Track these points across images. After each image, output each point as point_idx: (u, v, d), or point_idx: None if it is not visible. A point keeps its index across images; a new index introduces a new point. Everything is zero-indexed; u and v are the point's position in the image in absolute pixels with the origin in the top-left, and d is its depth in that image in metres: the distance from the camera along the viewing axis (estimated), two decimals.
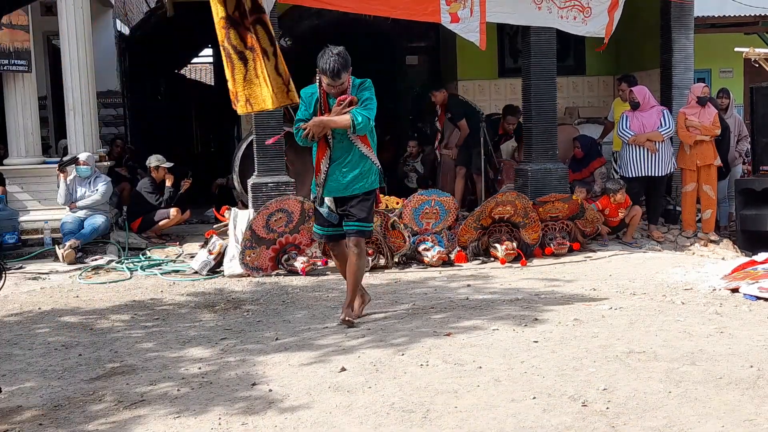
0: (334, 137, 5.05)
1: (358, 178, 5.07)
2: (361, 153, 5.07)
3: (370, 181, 5.13)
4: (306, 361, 4.37)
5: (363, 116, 4.87)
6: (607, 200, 8.37)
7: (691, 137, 8.62)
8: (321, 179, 5.13)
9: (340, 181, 5.08)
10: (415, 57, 13.31)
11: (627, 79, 9.57)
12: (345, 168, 5.07)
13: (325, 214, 5.20)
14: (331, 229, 5.27)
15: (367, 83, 5.07)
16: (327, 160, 5.09)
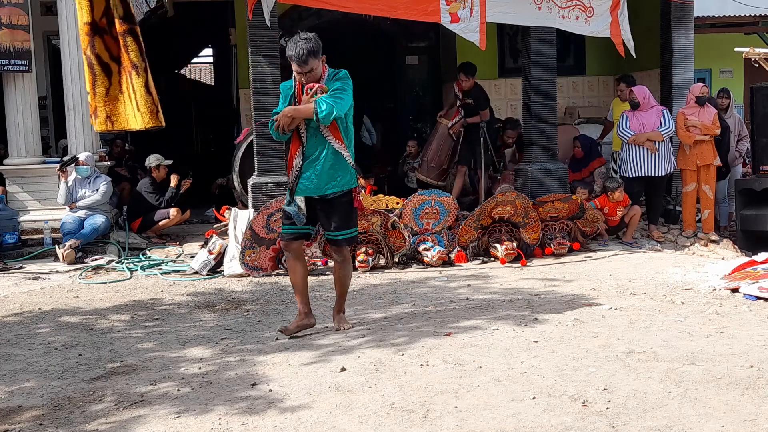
0: (307, 131, 4.75)
1: (332, 177, 4.75)
2: (334, 149, 4.74)
3: (345, 181, 4.80)
4: (306, 361, 4.37)
5: (327, 104, 4.55)
6: (606, 199, 8.38)
7: (690, 137, 8.62)
8: (293, 177, 4.81)
9: (313, 180, 4.76)
10: (415, 57, 13.30)
11: (626, 79, 9.58)
12: (318, 166, 4.74)
13: (293, 214, 4.85)
14: (293, 229, 4.92)
15: (341, 73, 4.77)
16: (300, 157, 4.78)
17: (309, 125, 4.71)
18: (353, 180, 4.85)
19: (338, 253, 4.97)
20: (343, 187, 4.79)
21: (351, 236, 4.95)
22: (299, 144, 4.77)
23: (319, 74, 4.69)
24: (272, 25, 7.77)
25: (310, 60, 4.60)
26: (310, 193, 4.79)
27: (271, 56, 7.98)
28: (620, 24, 8.35)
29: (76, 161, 8.34)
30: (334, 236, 4.87)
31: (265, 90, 7.98)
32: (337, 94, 4.62)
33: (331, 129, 4.71)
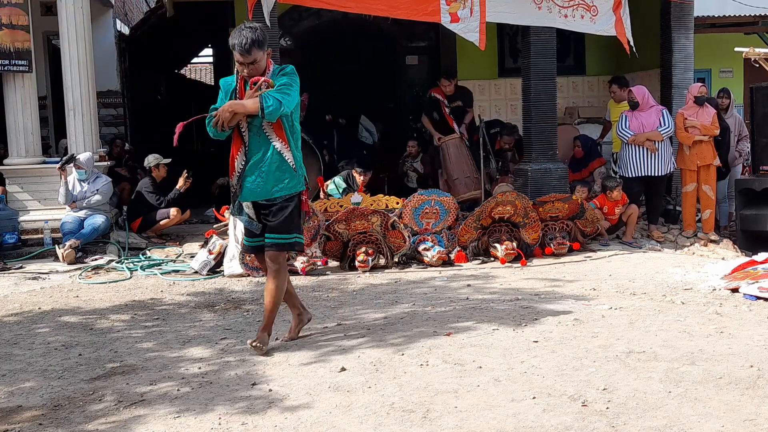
0: (250, 130, 4.43)
1: (278, 179, 4.43)
2: (277, 149, 4.43)
3: (293, 184, 4.47)
4: (306, 361, 4.38)
5: (274, 99, 4.25)
6: (605, 198, 8.39)
7: (689, 138, 8.62)
8: (236, 180, 4.47)
9: (259, 183, 4.43)
10: (415, 57, 13.30)
11: (617, 80, 9.61)
12: (264, 167, 4.42)
13: (245, 223, 4.56)
14: (256, 240, 4.57)
15: (288, 69, 4.48)
16: (242, 157, 4.45)
17: (252, 123, 4.40)
18: (301, 183, 4.52)
19: (272, 260, 4.50)
20: (291, 190, 4.47)
21: (289, 242, 4.50)
22: (241, 143, 4.46)
23: (263, 68, 4.42)
24: (272, 25, 7.77)
25: (254, 50, 4.32)
26: (256, 197, 4.46)
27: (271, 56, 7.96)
28: (624, 23, 8.36)
29: (74, 159, 8.34)
30: (270, 239, 4.46)
31: None
32: (284, 89, 4.33)
33: (275, 127, 4.42)
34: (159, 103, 16.57)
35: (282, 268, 4.55)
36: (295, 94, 4.40)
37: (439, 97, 9.38)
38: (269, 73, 4.43)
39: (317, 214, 7.34)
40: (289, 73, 4.44)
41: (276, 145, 4.42)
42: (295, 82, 4.41)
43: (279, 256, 4.51)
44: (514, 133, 9.91)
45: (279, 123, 4.40)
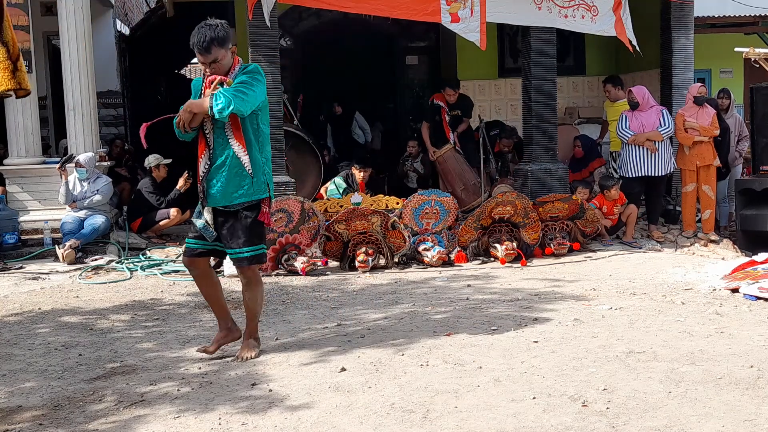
0: (214, 131, 4.24)
1: (238, 185, 4.23)
2: (235, 153, 4.21)
3: (251, 191, 4.24)
4: (306, 361, 4.38)
5: (225, 98, 4.03)
6: (603, 198, 8.40)
7: (689, 139, 8.62)
8: (200, 185, 4.28)
9: (219, 189, 4.24)
10: (415, 57, 13.32)
11: (611, 80, 9.61)
12: (224, 171, 4.22)
13: (200, 228, 4.33)
14: (199, 244, 4.38)
15: (250, 67, 4.26)
16: (206, 160, 4.25)
17: (216, 124, 4.21)
18: (262, 189, 4.29)
19: (242, 273, 4.37)
20: (251, 196, 4.25)
21: (256, 254, 4.31)
22: (205, 145, 4.27)
23: (227, 66, 4.22)
24: (272, 25, 7.78)
25: (214, 49, 4.13)
26: (216, 202, 4.27)
27: (271, 56, 7.99)
28: (624, 23, 8.36)
29: (73, 159, 8.34)
30: (237, 254, 4.28)
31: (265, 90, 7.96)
32: (240, 87, 4.10)
33: (234, 129, 4.19)
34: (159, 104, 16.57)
35: (254, 280, 4.39)
36: (255, 95, 4.15)
37: (441, 104, 9.41)
38: (234, 71, 4.23)
39: (317, 215, 7.34)
40: (251, 71, 4.22)
41: (234, 147, 4.21)
42: (256, 81, 4.18)
43: (248, 270, 4.34)
44: (513, 136, 9.94)
45: (239, 124, 4.19)
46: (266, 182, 4.31)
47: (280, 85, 8.29)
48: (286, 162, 8.24)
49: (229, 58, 4.23)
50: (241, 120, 4.17)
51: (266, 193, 4.30)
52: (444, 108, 9.42)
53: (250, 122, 4.23)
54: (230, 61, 4.24)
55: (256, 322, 4.52)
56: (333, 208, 8.06)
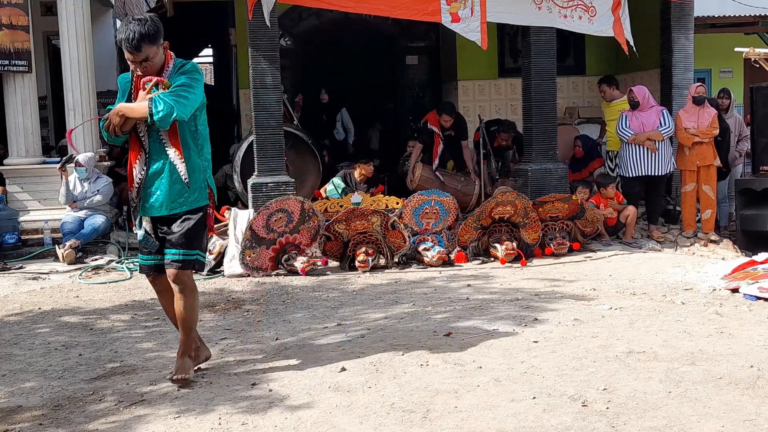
0: (149, 135, 3.93)
1: (179, 193, 3.96)
2: (171, 159, 3.93)
3: (192, 198, 3.99)
4: (306, 361, 4.38)
5: (165, 104, 3.74)
6: (600, 197, 8.40)
7: (689, 139, 8.61)
8: (134, 192, 4.02)
9: (158, 197, 3.97)
10: (415, 57, 13.32)
11: (607, 80, 9.61)
12: (164, 179, 3.94)
13: (140, 239, 4.10)
14: (151, 258, 4.10)
15: (189, 66, 3.98)
16: (141, 166, 3.95)
17: (152, 128, 3.89)
18: (203, 196, 4.04)
19: (175, 279, 4.00)
20: (192, 204, 4.00)
21: (190, 258, 4.00)
22: (139, 150, 3.96)
23: (160, 65, 3.92)
24: (272, 25, 7.77)
25: (145, 46, 3.81)
26: (155, 211, 3.99)
27: (271, 56, 7.99)
28: (622, 23, 8.36)
29: (72, 159, 8.34)
30: (171, 255, 3.97)
31: (265, 90, 7.98)
32: (179, 91, 3.82)
33: (170, 134, 3.91)
34: None
35: (188, 287, 4.05)
36: (195, 97, 3.88)
37: (435, 129, 9.40)
38: (168, 70, 3.94)
39: (317, 214, 7.34)
40: (190, 71, 3.94)
41: (170, 154, 3.93)
42: (195, 82, 3.91)
43: (182, 275, 4.00)
44: (512, 129, 9.89)
45: (175, 129, 3.90)
46: (208, 187, 4.06)
47: (280, 85, 8.29)
48: (286, 162, 8.23)
49: (162, 56, 3.93)
50: (178, 123, 3.89)
51: (207, 199, 4.06)
52: (437, 134, 9.39)
53: (187, 125, 3.97)
54: (162, 58, 3.94)
55: (192, 336, 4.13)
56: (333, 208, 8.06)
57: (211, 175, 4.11)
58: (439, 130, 9.36)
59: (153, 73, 3.89)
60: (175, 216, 3.99)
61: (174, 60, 3.97)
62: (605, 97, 9.61)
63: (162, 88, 3.84)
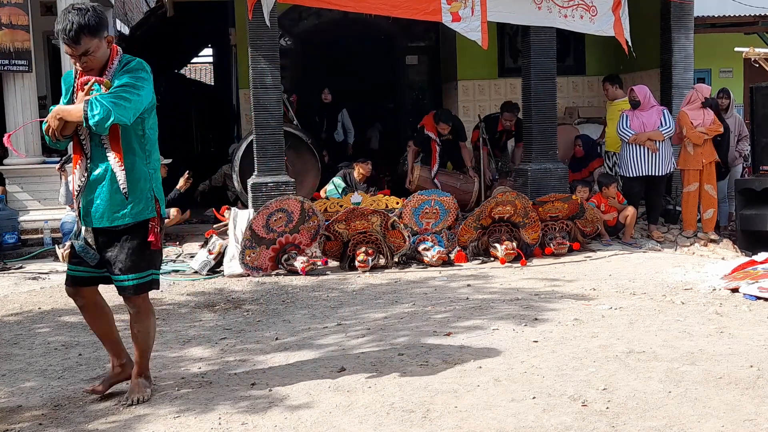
0: (91, 140, 3.60)
1: (122, 203, 3.61)
2: (111, 166, 3.59)
3: (136, 210, 3.63)
4: (306, 361, 4.38)
5: (103, 107, 3.40)
6: (601, 196, 8.40)
7: (700, 137, 8.58)
8: (77, 200, 3.69)
9: (99, 206, 3.62)
10: (415, 57, 13.32)
11: (610, 79, 9.61)
12: (105, 186, 3.60)
13: (79, 250, 3.72)
14: (81, 270, 3.75)
15: (134, 64, 3.61)
16: (82, 172, 3.63)
17: (93, 132, 3.55)
18: (149, 208, 3.68)
19: (129, 303, 3.76)
20: (136, 217, 3.64)
21: (142, 281, 3.70)
22: (81, 154, 3.65)
23: (102, 60, 3.58)
24: (272, 25, 7.77)
25: (85, 38, 3.48)
26: (96, 222, 3.65)
27: (271, 56, 7.99)
28: (622, 23, 8.37)
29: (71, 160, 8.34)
30: (121, 282, 3.68)
31: (265, 90, 7.98)
32: (121, 92, 3.48)
33: (111, 139, 3.57)
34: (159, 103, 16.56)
35: (143, 310, 3.80)
36: (140, 99, 3.54)
37: (431, 135, 9.39)
38: (112, 67, 3.59)
39: (317, 214, 7.34)
40: (134, 69, 3.59)
41: (111, 160, 3.59)
42: (141, 82, 3.57)
43: (136, 300, 3.74)
44: (515, 110, 9.82)
45: (117, 133, 3.56)
46: (154, 198, 3.71)
47: (280, 85, 8.29)
48: (286, 162, 8.23)
49: (105, 50, 3.57)
50: (123, 127, 3.56)
51: (154, 211, 3.69)
52: (434, 140, 9.39)
53: (134, 130, 3.62)
54: (106, 53, 3.58)
55: (148, 358, 3.92)
56: (333, 208, 8.06)
57: (159, 185, 3.75)
58: (436, 137, 9.36)
59: (95, 69, 3.56)
60: (117, 229, 3.64)
61: (120, 56, 3.63)
62: (608, 95, 9.61)
63: (103, 89, 3.50)
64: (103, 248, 3.69)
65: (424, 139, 9.49)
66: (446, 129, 9.29)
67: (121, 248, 3.65)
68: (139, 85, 3.54)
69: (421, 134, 9.55)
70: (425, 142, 9.48)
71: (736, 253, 8.20)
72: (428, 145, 9.45)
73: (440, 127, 9.30)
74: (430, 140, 9.41)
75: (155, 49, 15.37)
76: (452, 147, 9.50)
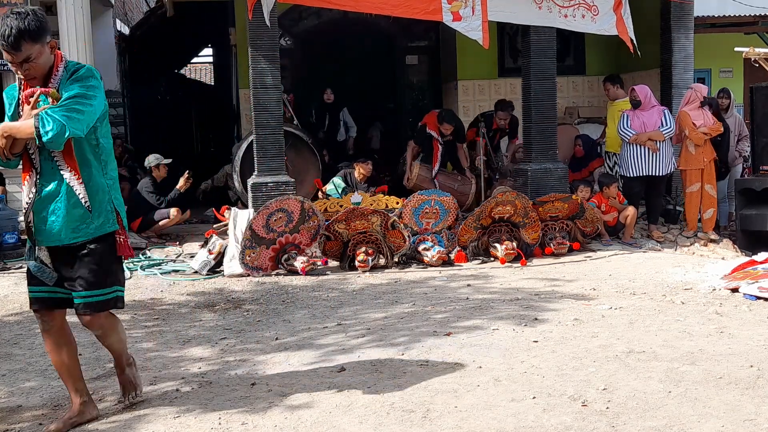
0: (41, 154, 3.35)
1: (81, 219, 3.36)
2: (67, 181, 3.34)
3: (95, 225, 3.40)
4: (306, 361, 4.38)
5: (56, 122, 3.17)
6: (602, 196, 8.40)
7: (702, 137, 8.58)
8: (25, 216, 3.42)
9: (55, 224, 3.37)
10: (415, 57, 13.32)
11: (611, 79, 9.60)
12: (60, 203, 3.35)
13: (33, 269, 3.45)
14: (44, 290, 3.46)
15: (83, 71, 3.35)
16: (30, 188, 3.38)
17: (43, 147, 3.30)
18: (111, 221, 3.45)
19: (91, 325, 3.50)
20: (97, 231, 3.41)
21: (106, 299, 3.45)
22: (30, 169, 3.39)
23: (46, 67, 3.33)
24: (272, 25, 7.77)
25: (25, 44, 3.22)
26: (51, 240, 3.39)
27: (271, 56, 7.99)
28: (625, 22, 8.36)
29: None
30: (83, 298, 3.40)
31: (265, 90, 7.98)
32: (72, 104, 3.23)
33: (65, 153, 3.32)
34: (159, 103, 16.58)
35: (108, 326, 3.57)
36: (92, 109, 3.30)
37: (433, 134, 9.39)
38: (58, 75, 3.34)
39: (317, 214, 7.34)
40: (84, 77, 3.34)
41: (66, 175, 3.35)
42: (93, 90, 3.32)
43: (97, 319, 3.47)
44: (509, 108, 9.81)
45: (70, 146, 3.32)
46: (114, 210, 3.48)
47: (280, 85, 8.29)
48: (286, 162, 8.23)
49: (48, 56, 3.32)
50: (75, 139, 3.31)
51: (116, 224, 3.47)
52: (436, 139, 9.39)
53: (87, 140, 3.39)
54: (50, 59, 3.34)
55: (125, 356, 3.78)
56: (333, 208, 8.07)
57: (118, 195, 3.54)
58: (438, 136, 9.36)
59: (38, 77, 3.32)
60: (76, 246, 3.39)
61: (65, 63, 3.38)
62: (609, 95, 9.61)
63: (51, 100, 3.25)
64: (61, 267, 3.43)
65: (426, 138, 9.48)
66: (449, 129, 9.29)
67: (82, 265, 3.39)
68: (90, 94, 3.30)
69: (423, 133, 9.54)
70: (427, 140, 9.48)
71: (736, 253, 8.21)
72: (430, 144, 9.45)
73: (444, 127, 9.30)
74: (432, 139, 9.41)
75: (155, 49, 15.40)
76: (452, 147, 9.51)
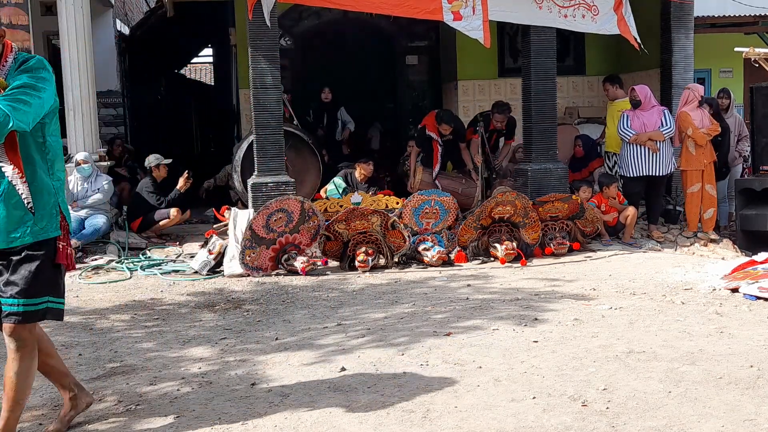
0: None
1: (19, 221, 3.12)
2: (9, 179, 3.10)
3: (38, 228, 3.14)
4: (306, 361, 4.38)
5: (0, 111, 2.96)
6: (602, 196, 8.40)
7: (704, 137, 8.58)
8: None
9: None
10: (415, 57, 13.32)
11: (610, 79, 9.60)
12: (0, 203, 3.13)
13: None
14: None
15: (33, 62, 3.16)
16: None
17: None
18: (54, 226, 3.20)
19: (12, 334, 3.14)
20: (37, 235, 3.15)
21: (33, 309, 3.13)
22: None
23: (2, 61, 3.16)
24: (272, 25, 7.77)
25: None
26: None
27: (271, 56, 7.99)
28: (627, 21, 8.36)
29: (73, 160, 8.34)
30: (8, 306, 3.11)
31: (265, 90, 7.98)
32: (19, 95, 3.03)
33: (8, 148, 3.10)
34: (159, 103, 16.59)
35: (25, 346, 3.16)
36: (40, 102, 3.08)
37: (433, 135, 9.39)
38: (6, 65, 3.16)
39: (317, 214, 7.34)
40: (34, 68, 3.14)
41: (7, 172, 3.11)
42: (42, 82, 3.12)
43: (20, 330, 3.13)
44: (506, 110, 9.81)
45: (14, 141, 3.10)
46: (60, 214, 3.23)
47: (280, 85, 8.29)
48: (286, 162, 8.23)
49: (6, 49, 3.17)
50: (20, 134, 3.10)
51: (59, 229, 3.21)
52: (436, 140, 9.39)
53: (32, 136, 3.15)
54: None
55: (18, 413, 3.25)
56: (333, 208, 8.06)
57: (64, 198, 3.29)
58: (437, 137, 9.36)
59: None
60: (14, 250, 3.13)
61: (15, 53, 3.19)
62: (608, 95, 9.60)
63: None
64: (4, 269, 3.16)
65: (426, 140, 9.48)
66: (448, 130, 9.29)
67: (15, 270, 3.13)
68: (39, 86, 3.09)
69: (422, 134, 9.54)
70: (426, 142, 9.48)
71: (736, 253, 8.21)
72: (429, 146, 9.44)
73: (442, 127, 9.30)
74: (432, 140, 9.41)
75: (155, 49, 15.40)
76: (452, 147, 9.51)
